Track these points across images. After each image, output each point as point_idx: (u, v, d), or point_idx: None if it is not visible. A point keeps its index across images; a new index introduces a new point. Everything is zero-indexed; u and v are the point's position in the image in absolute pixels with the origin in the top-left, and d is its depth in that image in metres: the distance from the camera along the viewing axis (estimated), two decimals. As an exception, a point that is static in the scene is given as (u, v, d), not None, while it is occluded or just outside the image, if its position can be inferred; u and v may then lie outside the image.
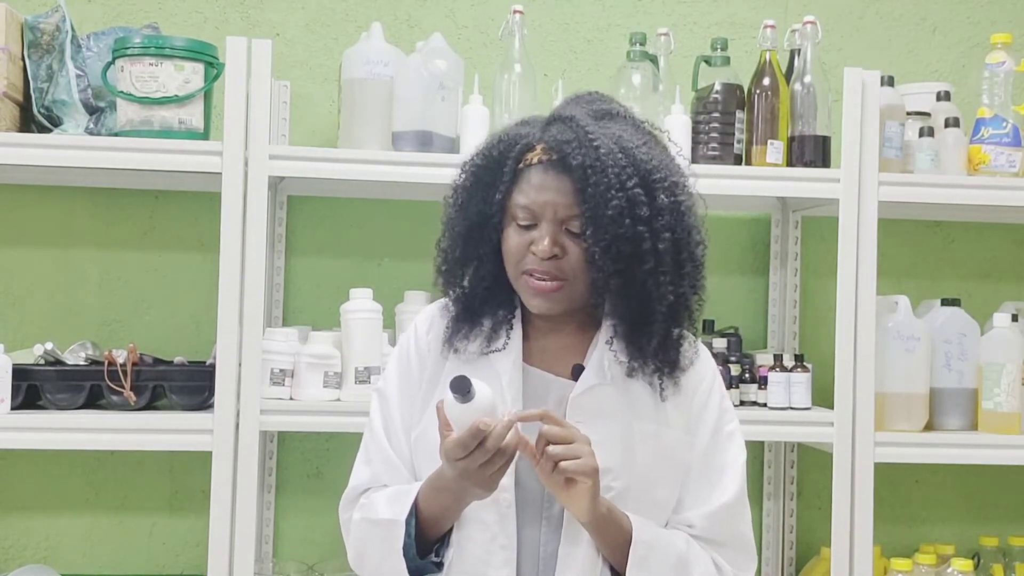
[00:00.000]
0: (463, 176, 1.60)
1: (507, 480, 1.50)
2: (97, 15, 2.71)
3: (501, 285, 1.59)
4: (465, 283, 1.60)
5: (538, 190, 1.51)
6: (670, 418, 1.58)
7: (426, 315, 1.68)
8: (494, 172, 1.55)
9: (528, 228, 1.53)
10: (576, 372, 1.59)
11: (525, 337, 1.61)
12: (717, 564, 1.58)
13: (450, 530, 1.55)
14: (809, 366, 2.56)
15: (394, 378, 1.65)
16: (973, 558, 2.66)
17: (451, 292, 1.61)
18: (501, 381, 1.56)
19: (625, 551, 1.50)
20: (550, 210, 1.51)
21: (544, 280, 1.52)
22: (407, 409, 1.62)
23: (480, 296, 1.60)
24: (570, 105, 1.60)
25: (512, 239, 1.54)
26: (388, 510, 1.55)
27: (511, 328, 1.60)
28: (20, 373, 2.30)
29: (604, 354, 1.57)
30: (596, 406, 1.55)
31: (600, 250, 1.48)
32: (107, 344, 2.53)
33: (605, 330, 1.59)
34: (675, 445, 1.58)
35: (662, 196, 1.50)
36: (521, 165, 1.54)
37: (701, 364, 1.63)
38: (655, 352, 1.55)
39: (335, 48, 2.75)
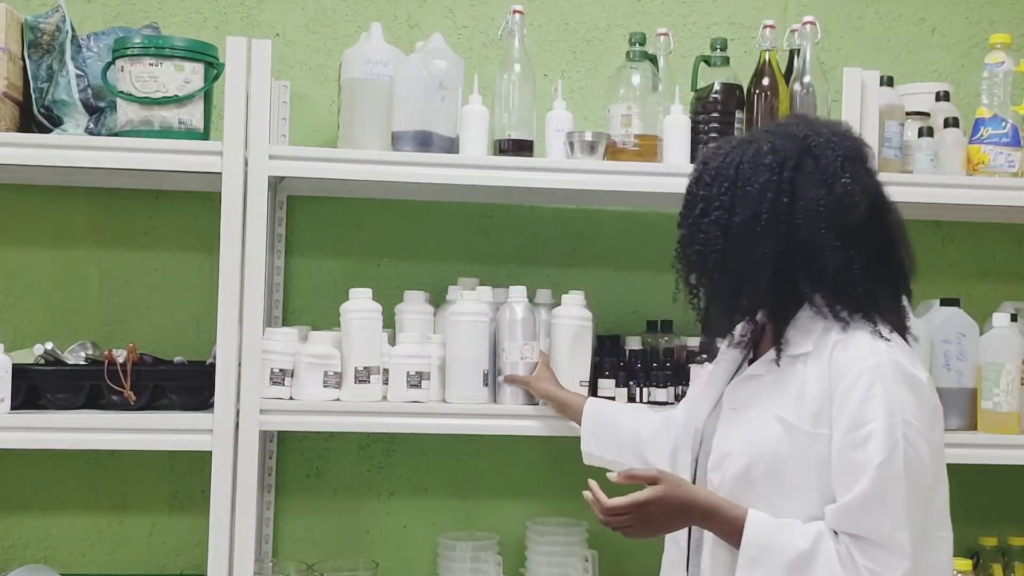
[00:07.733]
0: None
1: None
2: (97, 15, 2.71)
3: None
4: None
5: None
6: (810, 410, 1.68)
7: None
8: None
9: None
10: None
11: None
12: (844, 557, 1.60)
13: None
14: (809, 366, 2.56)
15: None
16: (972, 558, 2.66)
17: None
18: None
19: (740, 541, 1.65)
20: None
21: None
22: None
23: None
24: None
25: None
26: None
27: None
28: (20, 373, 2.30)
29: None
30: (744, 395, 1.77)
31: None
32: (107, 344, 2.53)
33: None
34: (811, 437, 1.67)
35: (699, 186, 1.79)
36: None
37: (849, 359, 1.67)
38: (747, 307, 1.77)
39: (335, 48, 2.75)
